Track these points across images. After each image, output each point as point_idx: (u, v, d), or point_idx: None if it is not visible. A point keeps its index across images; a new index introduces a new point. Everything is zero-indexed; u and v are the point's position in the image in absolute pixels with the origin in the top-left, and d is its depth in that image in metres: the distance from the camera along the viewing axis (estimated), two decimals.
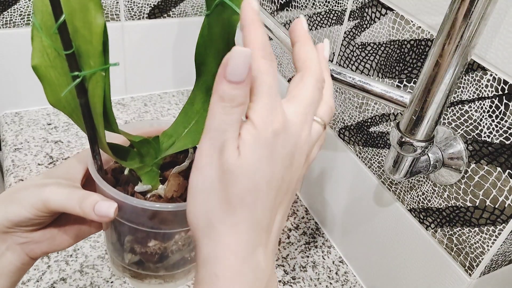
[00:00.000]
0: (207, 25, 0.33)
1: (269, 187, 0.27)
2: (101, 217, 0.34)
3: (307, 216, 0.78)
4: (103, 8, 0.28)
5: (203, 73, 0.36)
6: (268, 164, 0.26)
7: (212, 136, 0.26)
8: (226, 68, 0.25)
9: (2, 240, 0.36)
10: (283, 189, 0.28)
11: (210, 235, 0.27)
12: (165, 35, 0.94)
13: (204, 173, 0.26)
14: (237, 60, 0.24)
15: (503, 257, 0.48)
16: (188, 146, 0.37)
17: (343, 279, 0.69)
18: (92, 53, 0.28)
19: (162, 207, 0.33)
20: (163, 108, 0.97)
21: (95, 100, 0.30)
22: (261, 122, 0.26)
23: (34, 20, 0.30)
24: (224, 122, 0.25)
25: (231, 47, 0.31)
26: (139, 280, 0.39)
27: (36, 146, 0.82)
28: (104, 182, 0.34)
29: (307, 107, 0.28)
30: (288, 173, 0.28)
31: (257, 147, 0.26)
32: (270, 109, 0.26)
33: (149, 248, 0.37)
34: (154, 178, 0.38)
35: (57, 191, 0.35)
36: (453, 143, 0.48)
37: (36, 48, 0.31)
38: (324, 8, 0.64)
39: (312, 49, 0.30)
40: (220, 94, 0.25)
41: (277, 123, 0.26)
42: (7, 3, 0.78)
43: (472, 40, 0.38)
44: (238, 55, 0.24)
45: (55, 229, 0.38)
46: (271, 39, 0.82)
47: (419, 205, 0.54)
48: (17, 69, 0.84)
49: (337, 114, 0.66)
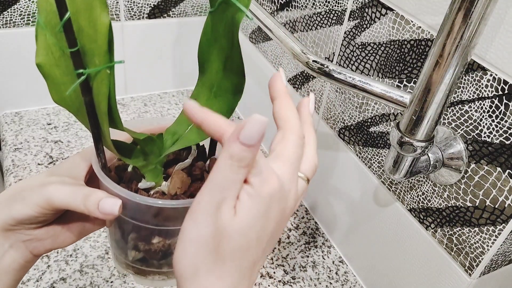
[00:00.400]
0: (211, 22, 0.33)
1: (259, 243, 0.29)
2: (106, 215, 0.34)
3: (307, 216, 0.78)
4: (108, 7, 0.28)
5: (207, 71, 0.36)
6: (261, 223, 0.28)
7: (214, 190, 0.27)
8: (241, 131, 0.26)
9: (5, 237, 0.36)
10: (270, 242, 0.30)
11: (195, 282, 0.28)
12: (165, 35, 0.94)
13: (198, 225, 0.27)
14: (254, 126, 0.26)
15: (503, 257, 0.48)
16: (191, 143, 0.37)
17: (343, 279, 0.69)
18: (97, 52, 0.28)
19: (166, 204, 0.33)
20: (163, 108, 0.97)
21: (100, 98, 0.30)
22: (258, 184, 0.28)
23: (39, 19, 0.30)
24: (228, 179, 0.27)
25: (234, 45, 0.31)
26: (143, 277, 0.40)
27: (36, 146, 0.82)
28: (109, 179, 0.34)
29: (292, 165, 0.30)
30: (276, 228, 0.30)
31: (253, 207, 0.28)
32: (266, 171, 0.28)
33: (153, 245, 0.37)
34: (157, 175, 0.38)
35: (61, 189, 0.35)
36: (453, 143, 0.48)
37: (41, 46, 0.31)
38: (324, 8, 0.64)
39: (291, 106, 0.33)
40: (230, 153, 0.27)
41: (272, 184, 0.28)
42: (7, 3, 0.78)
43: (472, 40, 0.38)
44: (256, 122, 0.26)
45: (59, 226, 0.38)
46: (271, 39, 0.82)
47: (419, 205, 0.54)
48: (17, 69, 0.84)
49: (337, 114, 0.66)
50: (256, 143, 0.26)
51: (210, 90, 0.36)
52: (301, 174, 0.32)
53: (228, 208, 0.27)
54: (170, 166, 0.39)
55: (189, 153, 0.41)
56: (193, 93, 0.37)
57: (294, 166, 0.30)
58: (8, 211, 0.35)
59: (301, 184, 0.31)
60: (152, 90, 1.01)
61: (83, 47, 0.29)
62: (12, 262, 0.36)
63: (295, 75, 0.75)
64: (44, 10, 0.30)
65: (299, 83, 0.74)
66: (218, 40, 0.33)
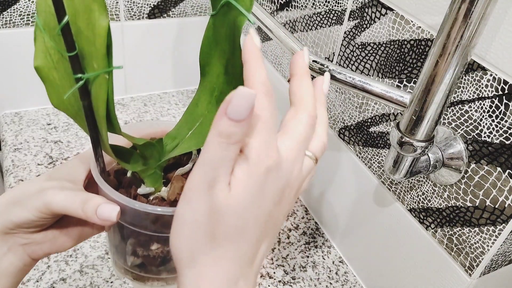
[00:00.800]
0: (212, 25, 0.33)
1: (256, 223, 0.27)
2: (104, 221, 0.34)
3: (307, 216, 0.78)
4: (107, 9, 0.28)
5: (208, 74, 0.36)
6: (257, 201, 0.27)
7: (205, 170, 0.26)
8: (228, 105, 0.25)
9: (4, 241, 0.35)
10: (269, 224, 0.29)
11: (192, 267, 0.27)
12: (165, 35, 0.94)
13: (192, 206, 0.27)
14: (241, 99, 0.25)
15: (503, 257, 0.48)
16: (192, 148, 0.37)
17: (343, 279, 0.68)
18: (95, 55, 0.28)
19: (165, 211, 0.33)
20: (163, 108, 0.97)
21: (99, 103, 0.30)
22: (255, 159, 0.26)
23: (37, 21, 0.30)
24: (218, 157, 0.26)
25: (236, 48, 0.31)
26: (141, 283, 0.39)
27: (36, 146, 0.82)
28: (107, 185, 0.34)
29: (300, 143, 0.29)
30: (276, 209, 0.29)
31: (249, 184, 0.26)
32: (265, 145, 0.27)
33: (152, 252, 0.36)
34: (157, 181, 0.38)
35: (60, 194, 0.34)
36: (453, 143, 0.48)
37: (39, 49, 0.30)
38: (324, 8, 0.64)
39: (309, 85, 0.31)
40: (218, 129, 0.25)
41: (271, 160, 0.27)
42: (7, 3, 0.78)
43: (472, 40, 0.38)
44: (242, 95, 0.25)
45: (57, 230, 0.38)
46: (271, 39, 0.82)
47: (419, 205, 0.54)
48: (17, 69, 0.84)
49: (337, 114, 0.66)
50: (246, 118, 0.25)
51: (211, 94, 0.36)
52: (309, 153, 0.30)
53: (222, 185, 0.26)
54: (170, 171, 0.39)
55: (189, 158, 0.40)
56: (195, 96, 0.37)
57: (301, 145, 0.29)
58: (6, 214, 0.35)
59: (308, 163, 0.30)
60: (152, 90, 1.01)
61: (82, 50, 0.28)
62: (10, 266, 0.36)
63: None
64: (43, 12, 0.29)
65: None
66: (219, 44, 0.33)
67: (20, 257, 0.37)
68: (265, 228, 0.28)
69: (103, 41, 0.28)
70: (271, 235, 0.30)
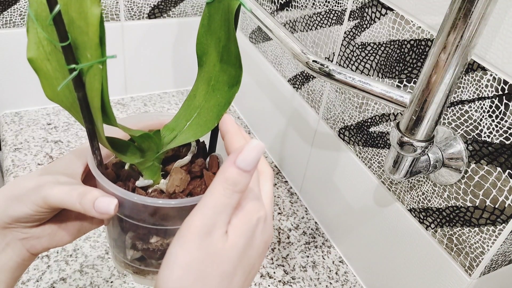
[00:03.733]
0: (208, 14, 0.34)
1: (244, 271, 0.29)
2: (101, 214, 0.33)
3: (307, 216, 0.78)
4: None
5: (205, 64, 0.36)
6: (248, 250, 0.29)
7: (207, 214, 0.27)
8: (238, 155, 0.27)
9: (2, 235, 0.35)
10: (250, 275, 0.30)
11: None
12: (165, 35, 0.94)
13: (187, 249, 0.27)
14: (252, 151, 0.27)
15: (503, 257, 0.48)
16: (190, 139, 0.37)
17: (343, 279, 0.68)
18: (88, 45, 0.28)
19: (163, 203, 0.33)
20: (163, 108, 0.97)
21: (93, 93, 0.29)
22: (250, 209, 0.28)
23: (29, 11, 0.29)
24: (221, 203, 0.27)
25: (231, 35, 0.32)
26: (142, 276, 0.39)
27: (36, 146, 0.82)
28: (104, 178, 0.34)
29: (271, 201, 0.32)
30: (257, 260, 0.30)
31: (243, 233, 0.28)
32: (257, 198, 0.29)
33: (151, 245, 0.36)
34: (155, 173, 0.37)
35: (57, 188, 0.34)
36: (453, 143, 0.48)
37: (32, 40, 0.30)
38: (324, 8, 0.64)
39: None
40: (225, 176, 0.27)
41: (262, 212, 0.29)
42: (7, 3, 0.78)
43: (472, 40, 0.38)
44: (254, 147, 0.27)
45: (56, 224, 0.38)
46: (271, 39, 0.82)
47: (419, 205, 0.54)
48: (17, 69, 0.84)
49: (337, 114, 0.66)
50: (252, 169, 0.27)
51: (208, 84, 0.36)
52: None
53: (220, 233, 0.27)
54: (169, 163, 0.38)
55: (188, 149, 0.40)
56: (193, 88, 0.37)
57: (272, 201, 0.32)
58: (4, 209, 0.35)
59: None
60: (152, 90, 1.01)
61: (75, 40, 0.28)
62: (9, 260, 0.36)
63: (295, 75, 0.75)
64: (35, 2, 0.29)
65: (299, 83, 0.74)
66: (215, 32, 0.33)
67: (19, 251, 0.36)
68: (248, 277, 0.30)
69: (95, 30, 0.27)
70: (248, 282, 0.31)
